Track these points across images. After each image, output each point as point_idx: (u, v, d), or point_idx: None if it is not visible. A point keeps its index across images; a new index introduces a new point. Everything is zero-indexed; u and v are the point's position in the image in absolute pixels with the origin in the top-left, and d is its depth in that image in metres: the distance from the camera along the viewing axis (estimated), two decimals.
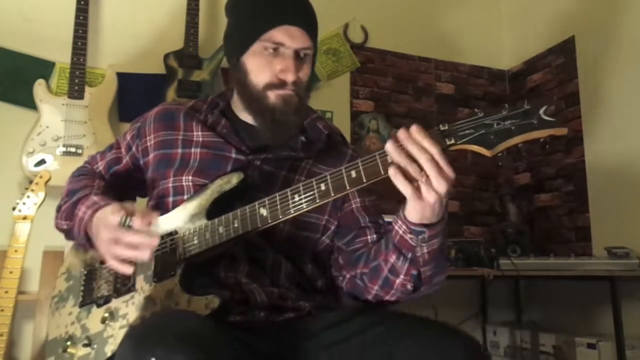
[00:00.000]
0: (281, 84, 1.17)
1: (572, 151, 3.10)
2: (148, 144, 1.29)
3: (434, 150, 0.91)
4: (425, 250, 1.02)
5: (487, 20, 3.69)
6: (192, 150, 1.24)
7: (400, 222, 1.03)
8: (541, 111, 0.91)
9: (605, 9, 2.99)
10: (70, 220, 1.23)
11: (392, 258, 1.07)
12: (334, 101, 3.13)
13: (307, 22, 1.20)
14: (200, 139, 1.25)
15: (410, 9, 3.45)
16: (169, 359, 0.82)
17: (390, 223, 1.06)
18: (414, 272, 1.06)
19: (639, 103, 2.78)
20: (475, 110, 0.95)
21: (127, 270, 1.08)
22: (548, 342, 2.83)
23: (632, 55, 2.82)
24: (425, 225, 0.99)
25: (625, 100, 2.85)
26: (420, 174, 0.91)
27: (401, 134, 0.93)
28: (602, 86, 2.97)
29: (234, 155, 1.21)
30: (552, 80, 3.28)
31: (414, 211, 0.98)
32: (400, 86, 3.36)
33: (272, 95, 1.18)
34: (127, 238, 1.05)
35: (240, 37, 1.21)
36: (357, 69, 3.23)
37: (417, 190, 0.93)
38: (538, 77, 3.40)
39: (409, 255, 1.04)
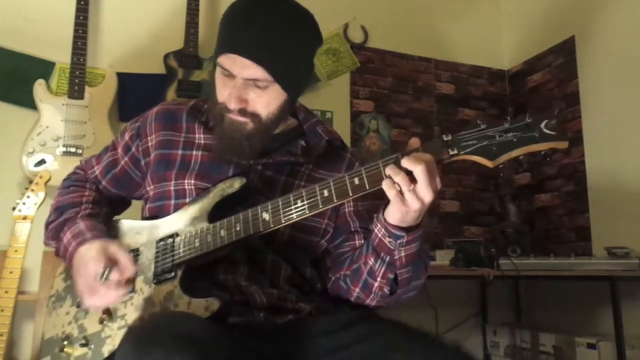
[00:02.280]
0: (228, 108, 1.15)
1: (572, 151, 3.09)
2: (149, 143, 1.27)
3: (428, 158, 0.95)
4: (403, 254, 1.05)
5: (487, 20, 3.69)
6: (193, 152, 1.23)
7: (379, 225, 1.05)
8: (542, 124, 0.93)
9: (605, 9, 2.99)
10: (56, 241, 1.22)
11: (371, 261, 1.09)
12: (334, 101, 3.13)
13: (260, 53, 1.10)
14: (202, 142, 1.24)
15: (410, 9, 3.45)
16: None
17: None
18: (391, 275, 1.09)
19: (638, 103, 2.78)
20: (478, 121, 0.97)
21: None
22: (548, 342, 2.83)
23: (632, 55, 2.82)
24: (404, 229, 1.02)
25: (625, 100, 2.84)
26: (408, 183, 0.95)
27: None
28: (602, 86, 2.97)
29: (235, 159, 1.20)
30: (552, 80, 3.28)
31: (396, 214, 1.01)
32: (400, 86, 3.36)
33: (227, 116, 1.16)
34: (101, 292, 1.08)
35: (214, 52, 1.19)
36: (357, 69, 3.23)
37: (401, 194, 0.96)
38: (538, 77, 3.40)
39: (387, 259, 1.07)
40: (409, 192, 0.95)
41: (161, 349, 0.83)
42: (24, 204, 2.06)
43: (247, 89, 1.13)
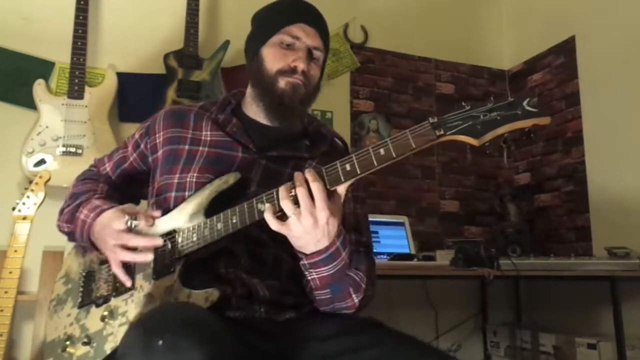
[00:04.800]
0: (292, 71, 1.25)
1: (572, 151, 3.10)
2: (157, 140, 1.31)
3: (314, 186, 1.00)
4: (316, 276, 1.10)
5: (487, 20, 3.70)
6: (200, 148, 1.26)
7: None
8: (524, 102, 0.96)
9: (605, 9, 3.00)
10: (71, 223, 1.26)
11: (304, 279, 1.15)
12: (334, 101, 3.13)
13: (321, 27, 1.31)
14: (209, 138, 1.27)
15: (410, 9, 3.45)
16: (176, 343, 0.83)
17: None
18: (314, 293, 1.14)
19: (638, 103, 2.78)
20: (463, 103, 0.99)
21: (127, 282, 1.14)
22: (548, 342, 2.83)
23: (632, 55, 2.82)
24: (304, 254, 1.08)
25: (625, 100, 2.85)
26: (294, 209, 1.01)
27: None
28: (602, 86, 2.97)
29: (240, 154, 1.24)
30: (552, 80, 3.28)
31: (292, 240, 1.06)
32: (400, 86, 3.36)
33: (282, 81, 1.25)
34: (132, 242, 1.11)
35: (262, 31, 1.30)
36: (357, 69, 3.23)
37: (285, 223, 1.02)
38: (538, 77, 3.40)
39: (306, 278, 1.13)
40: (293, 217, 1.01)
41: (169, 331, 0.85)
42: (23, 204, 2.06)
43: (309, 56, 1.27)
